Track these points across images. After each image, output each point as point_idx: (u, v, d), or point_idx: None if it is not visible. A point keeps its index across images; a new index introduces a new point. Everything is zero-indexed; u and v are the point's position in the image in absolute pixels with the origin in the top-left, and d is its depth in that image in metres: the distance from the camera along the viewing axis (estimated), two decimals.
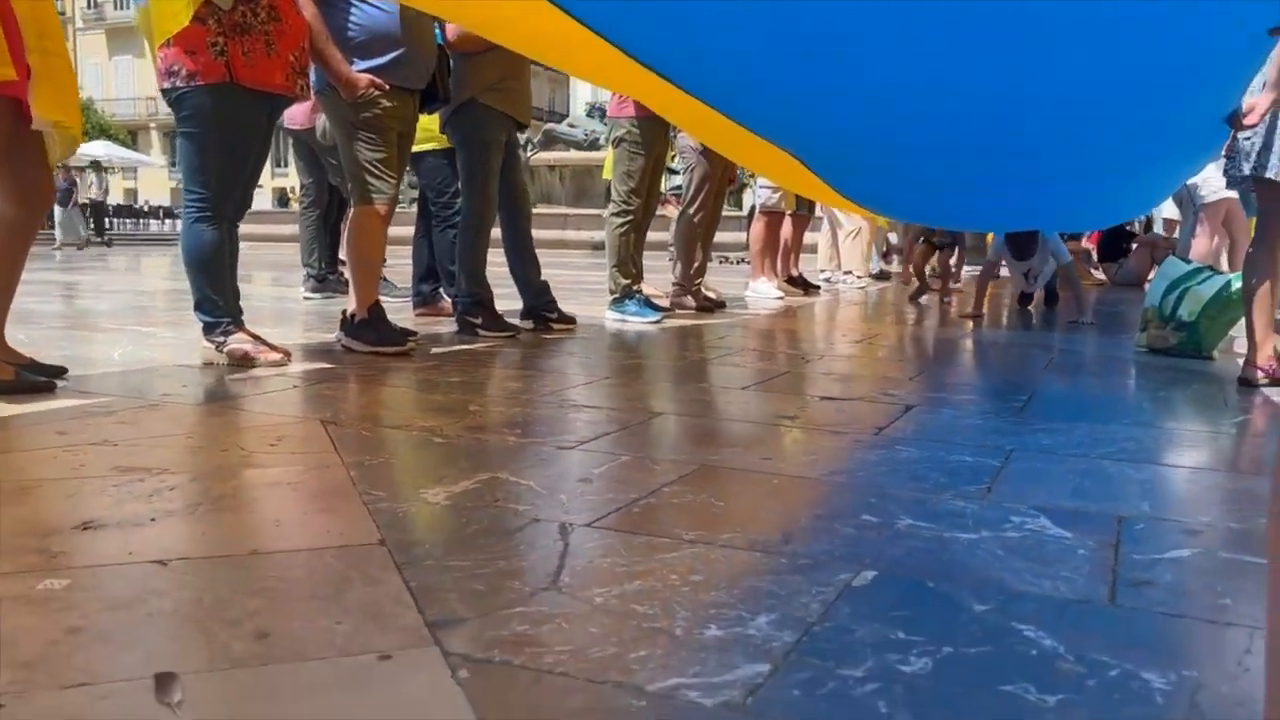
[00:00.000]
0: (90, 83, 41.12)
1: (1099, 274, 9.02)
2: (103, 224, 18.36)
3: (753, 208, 7.28)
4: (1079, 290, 5.35)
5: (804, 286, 7.14)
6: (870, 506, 1.65)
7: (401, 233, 5.28)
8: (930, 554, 1.41)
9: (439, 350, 3.58)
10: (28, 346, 2.84)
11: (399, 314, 4.13)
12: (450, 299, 4.49)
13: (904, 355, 3.97)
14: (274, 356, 3.04)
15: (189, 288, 3.06)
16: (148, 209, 27.82)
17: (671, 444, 2.18)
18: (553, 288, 4.39)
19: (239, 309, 3.14)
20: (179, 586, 1.22)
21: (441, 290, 4.88)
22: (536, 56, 3.21)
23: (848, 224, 8.04)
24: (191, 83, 2.87)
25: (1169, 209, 8.25)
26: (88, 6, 43.88)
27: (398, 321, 3.63)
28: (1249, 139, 2.88)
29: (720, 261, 10.66)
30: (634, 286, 4.82)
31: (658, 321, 4.67)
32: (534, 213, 4.60)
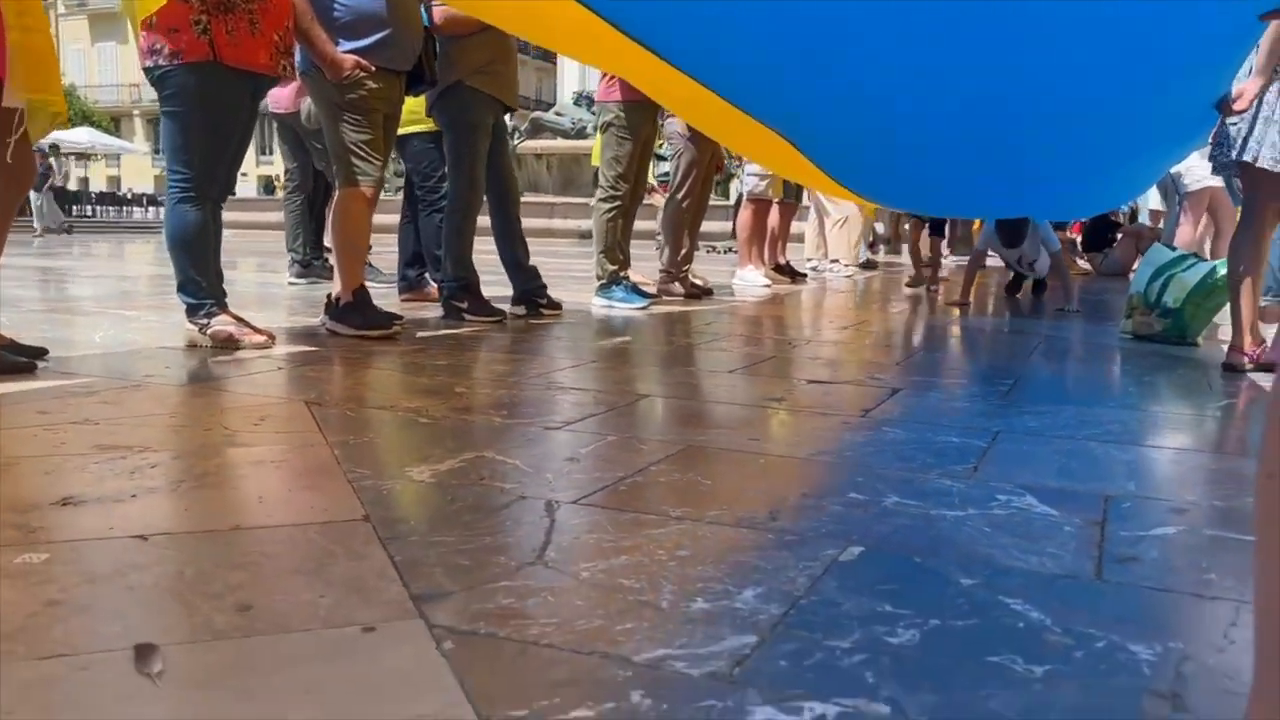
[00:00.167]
0: (73, 69, 40.75)
1: (1084, 264, 9.04)
2: (62, 209, 18.22)
3: (740, 196, 7.26)
4: (1066, 279, 5.37)
5: (791, 275, 7.13)
6: (857, 485, 1.65)
7: (387, 220, 5.25)
8: (917, 530, 1.41)
9: (425, 334, 3.56)
10: (7, 329, 2.81)
11: (385, 299, 4.11)
12: (436, 284, 4.46)
13: (891, 341, 3.97)
14: (258, 339, 3.02)
15: (172, 271, 3.04)
16: (131, 196, 27.61)
17: (658, 425, 2.18)
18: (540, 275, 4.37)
19: (223, 291, 3.11)
20: (160, 561, 1.21)
21: (427, 275, 4.85)
22: (525, 34, 3.19)
23: (835, 213, 8.03)
24: (174, 61, 2.84)
25: (1155, 200, 8.27)
26: None
27: (383, 307, 3.61)
28: (1235, 124, 2.88)
29: (708, 251, 10.64)
30: (621, 273, 4.80)
31: (645, 308, 4.66)
32: (521, 201, 4.57)
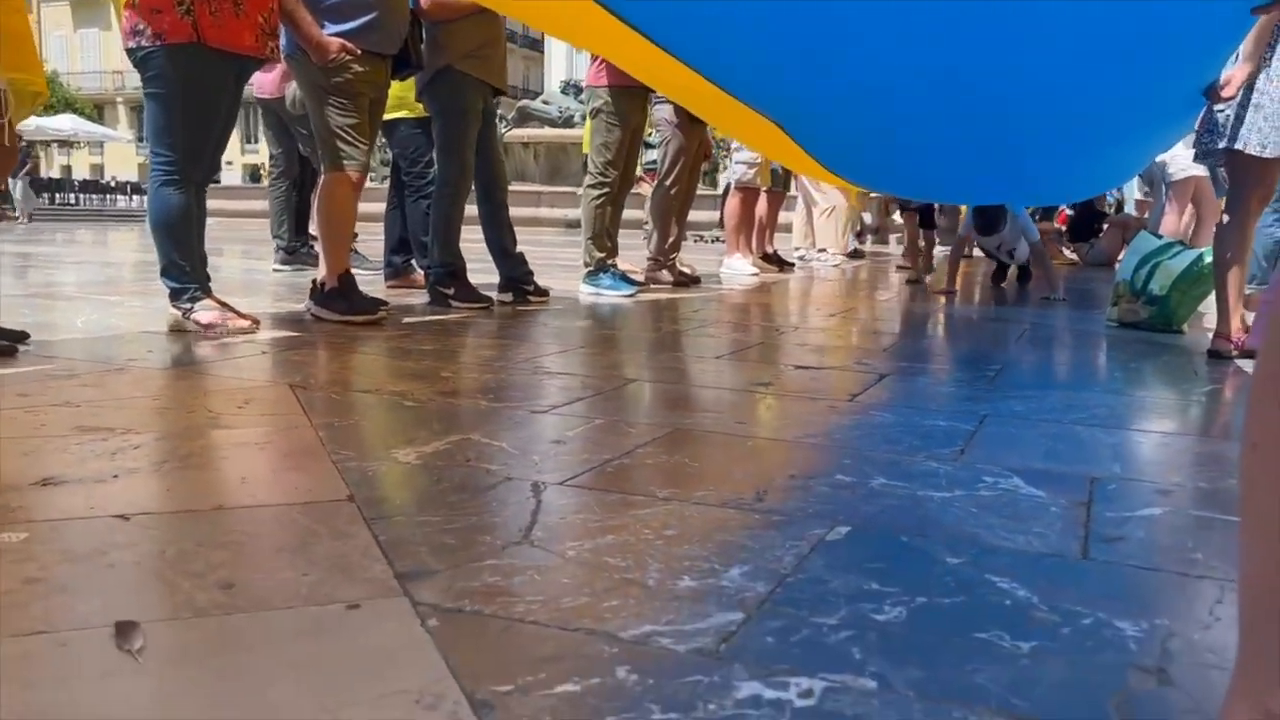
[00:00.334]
0: (55, 56, 40.41)
1: (1070, 254, 9.07)
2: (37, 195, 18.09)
3: (728, 186, 7.24)
4: (1049, 268, 5.38)
5: (779, 263, 7.12)
6: (844, 467, 1.65)
7: (373, 209, 5.21)
8: (904, 511, 1.41)
9: (411, 320, 3.55)
10: None
11: (371, 286, 4.07)
12: (423, 270, 4.44)
13: (878, 329, 3.97)
14: (242, 324, 2.99)
15: (156, 256, 3.01)
16: (114, 184, 27.38)
17: (645, 409, 2.17)
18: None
19: (206, 276, 3.08)
20: (141, 540, 1.20)
21: (414, 262, 4.82)
22: (514, 14, 3.17)
23: (822, 202, 8.02)
24: (157, 42, 2.81)
25: (1139, 189, 8.30)
26: None
27: (369, 293, 3.59)
28: (1223, 111, 2.88)
29: (695, 240, 10.63)
30: (609, 260, 4.79)
31: (632, 295, 4.64)
32: (508, 188, 4.54)
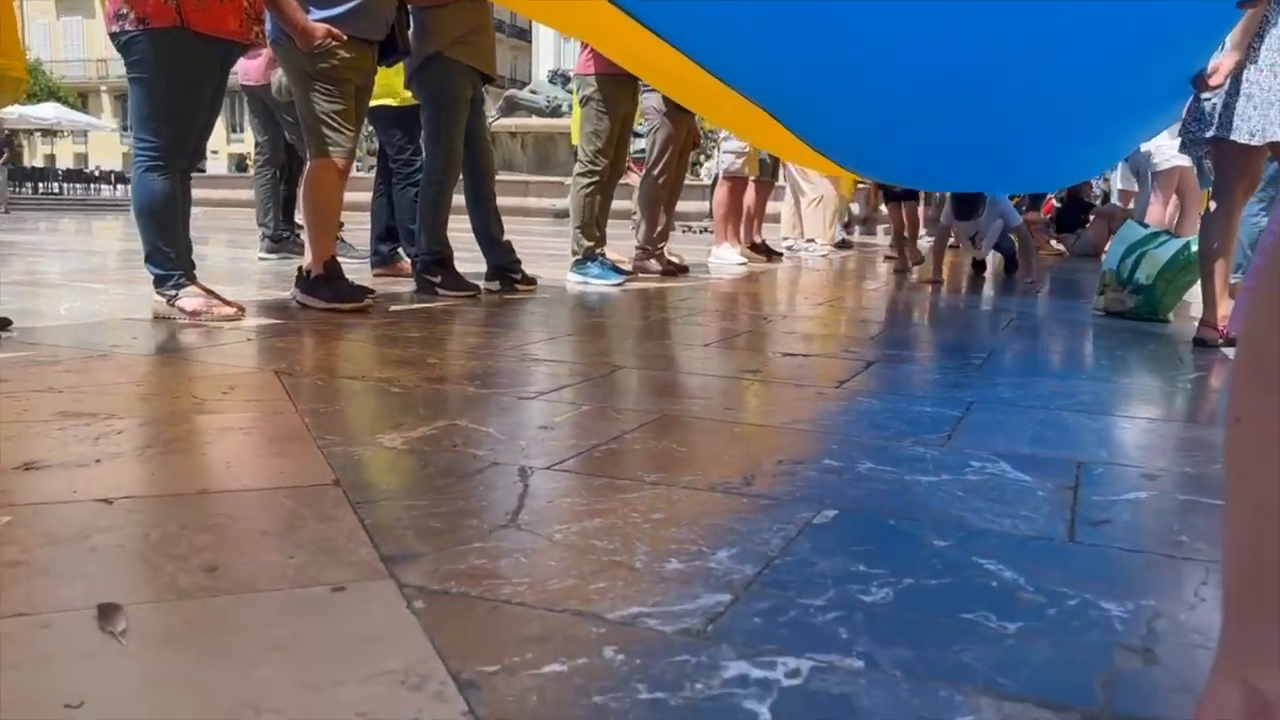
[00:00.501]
0: (38, 44, 40.03)
1: (1058, 245, 9.09)
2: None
3: (716, 176, 7.24)
4: (1028, 253, 5.37)
5: (767, 253, 7.13)
6: (832, 452, 1.65)
7: (360, 198, 5.18)
8: (891, 495, 1.41)
9: (397, 308, 3.53)
10: None
11: (357, 275, 4.05)
12: (410, 259, 4.42)
13: (865, 317, 3.97)
14: (227, 311, 2.97)
15: (141, 245, 2.99)
16: (99, 174, 27.16)
17: (633, 395, 2.17)
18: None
19: (191, 263, 3.06)
20: (124, 523, 1.19)
21: (401, 250, 4.80)
22: (506, 3, 3.15)
23: (810, 192, 8.02)
24: (141, 27, 2.78)
25: (1123, 180, 8.32)
26: None
27: (355, 281, 3.57)
28: (1209, 100, 2.89)
29: (684, 230, 10.62)
30: (597, 249, 4.78)
31: (620, 284, 4.64)
32: (496, 176, 4.52)
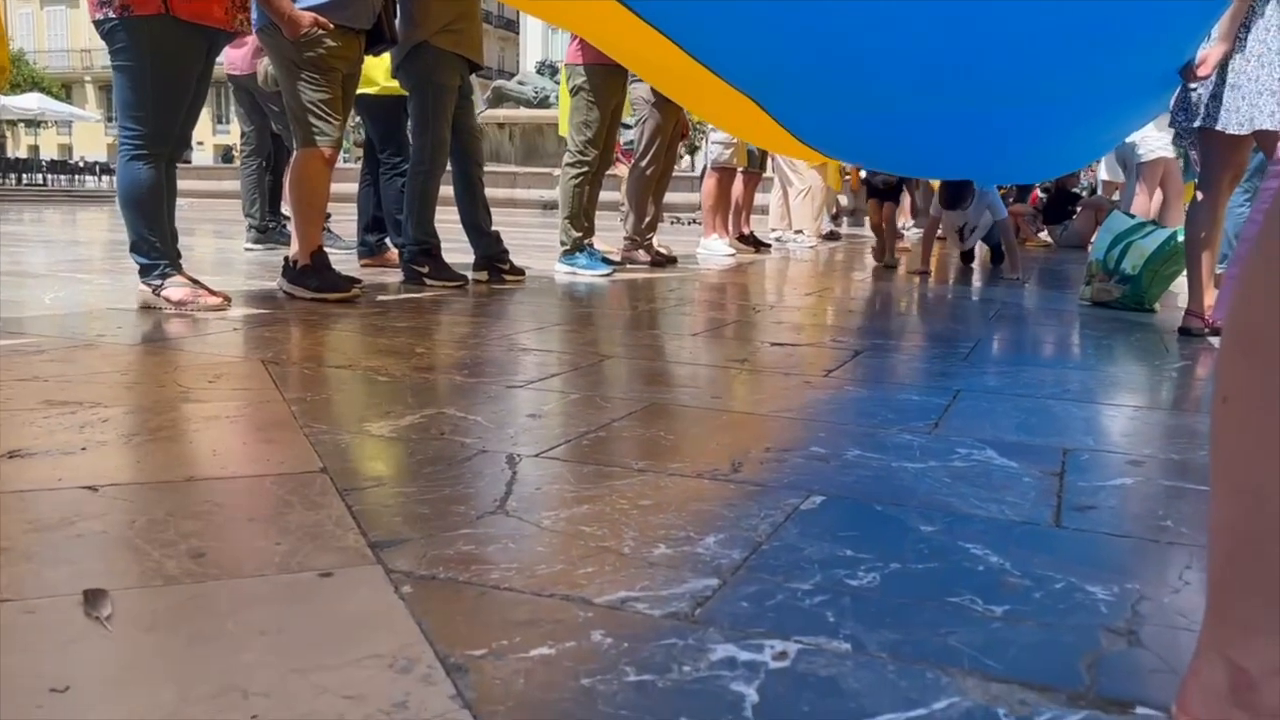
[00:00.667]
0: (21, 34, 39.71)
1: (1045, 236, 9.12)
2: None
3: (704, 167, 7.24)
4: (1012, 246, 5.40)
5: (755, 245, 7.14)
6: (819, 440, 1.65)
7: (347, 189, 5.16)
8: (878, 481, 1.41)
9: (384, 298, 3.52)
10: None
11: (344, 265, 4.04)
12: (397, 249, 4.40)
13: (853, 308, 3.98)
14: (213, 301, 2.96)
15: (126, 235, 2.97)
16: (83, 165, 26.96)
17: (621, 384, 2.16)
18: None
19: (177, 252, 3.05)
20: (110, 510, 1.18)
21: (388, 240, 4.79)
22: None
23: (798, 183, 8.02)
24: (125, 14, 2.76)
25: (1107, 171, 8.35)
26: None
27: (343, 272, 3.55)
28: (1195, 90, 2.90)
29: (672, 222, 10.62)
30: (585, 240, 4.77)
31: (608, 274, 4.63)
32: (484, 165, 4.51)
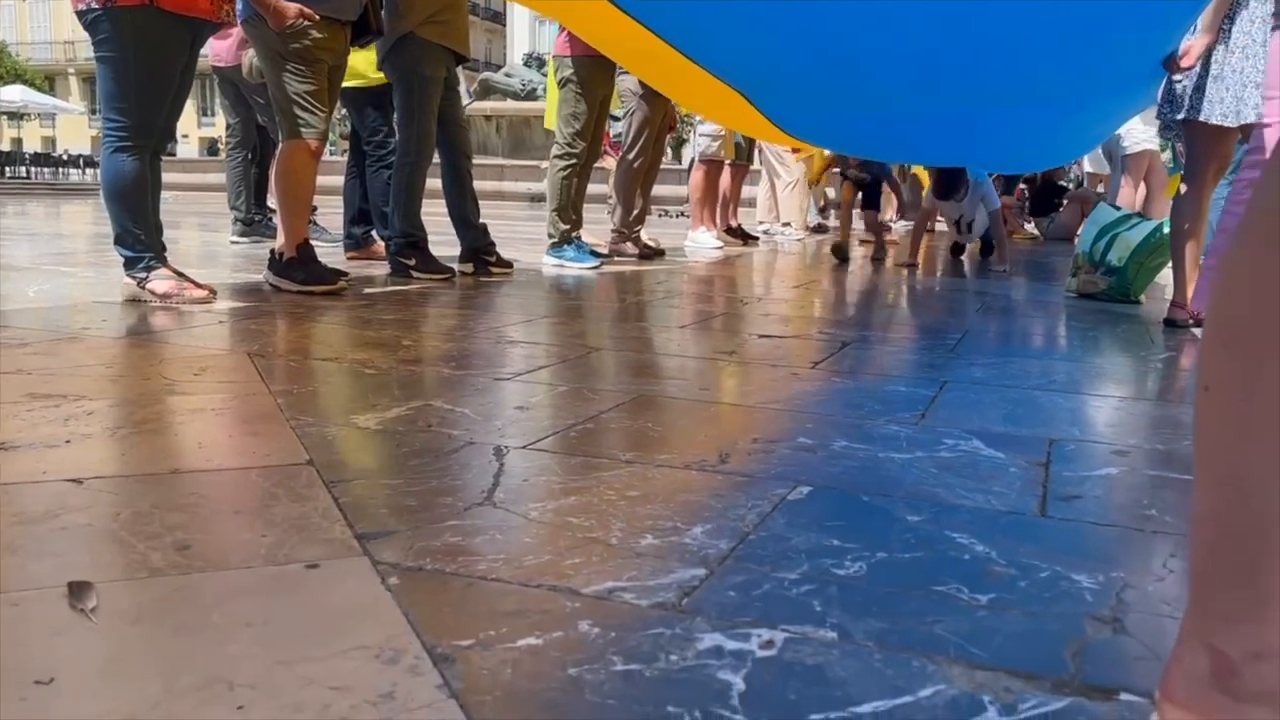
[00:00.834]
0: (4, 26, 39.43)
1: (1031, 228, 9.15)
2: None
3: (692, 160, 7.23)
4: (1002, 238, 5.41)
5: (743, 237, 7.13)
6: (806, 431, 1.66)
7: (333, 182, 5.14)
8: (865, 472, 1.41)
9: (371, 290, 3.51)
10: None
11: (331, 258, 4.03)
12: (384, 241, 4.39)
13: (840, 300, 3.99)
14: (198, 294, 2.95)
15: (110, 228, 2.95)
16: (67, 158, 26.75)
17: (609, 376, 2.16)
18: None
19: (162, 245, 3.03)
20: (94, 503, 1.18)
21: (374, 233, 4.77)
22: None
23: (786, 176, 8.03)
24: (108, 4, 2.74)
25: (1090, 163, 8.38)
26: None
27: (329, 264, 3.54)
28: (1180, 82, 2.91)
29: (660, 215, 10.61)
30: (573, 233, 4.76)
31: (596, 267, 4.63)
32: (471, 158, 4.49)
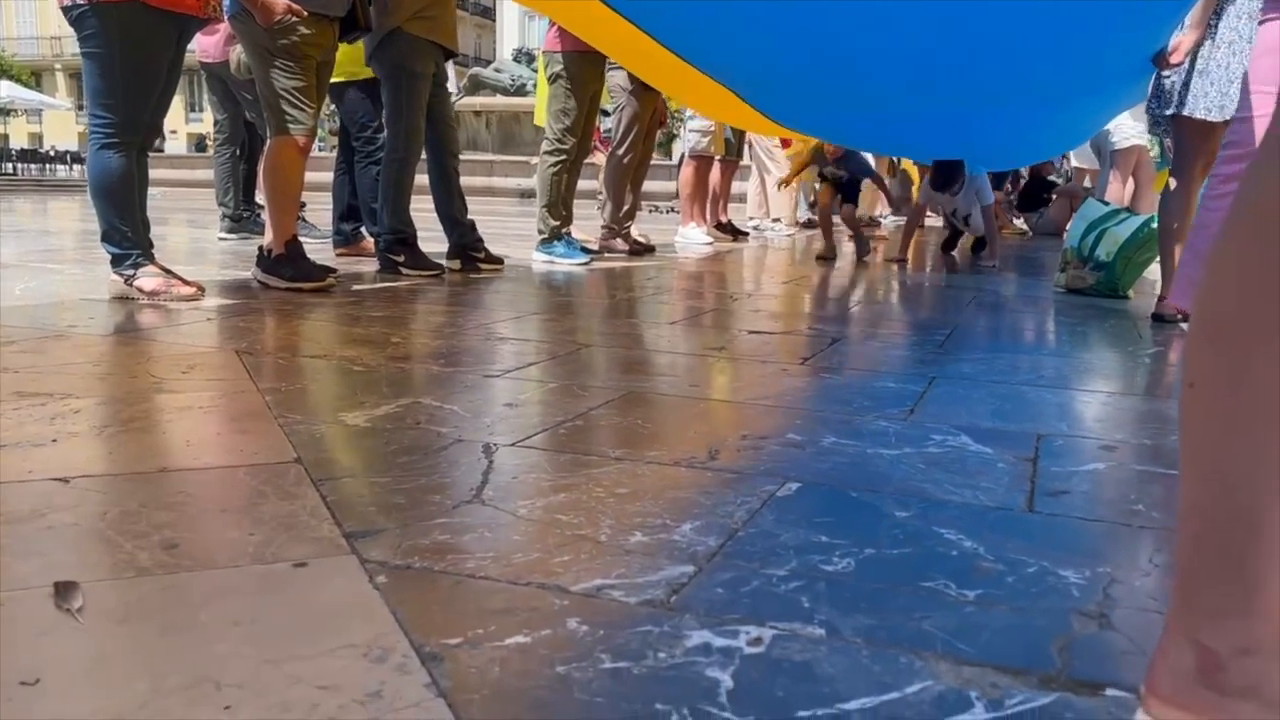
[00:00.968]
0: None
1: (1020, 223, 9.17)
2: None
3: (682, 155, 7.23)
4: (992, 234, 5.43)
5: (733, 233, 7.13)
6: (795, 427, 1.66)
7: (322, 178, 5.12)
8: (854, 468, 1.42)
9: (360, 287, 3.50)
10: None
11: (319, 255, 4.02)
12: (372, 238, 4.38)
13: (830, 296, 3.99)
14: (186, 290, 2.93)
15: (98, 225, 2.94)
16: (54, 154, 26.59)
17: (599, 373, 2.16)
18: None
19: (149, 242, 3.02)
20: (81, 502, 1.17)
21: (363, 229, 4.75)
22: None
23: (776, 172, 8.03)
24: (94, 0, 2.72)
25: (1077, 157, 8.40)
26: None
27: (318, 261, 3.53)
28: (1169, 77, 2.92)
29: (650, 210, 10.60)
30: (563, 229, 4.75)
31: (586, 263, 4.62)
32: (460, 155, 4.48)
